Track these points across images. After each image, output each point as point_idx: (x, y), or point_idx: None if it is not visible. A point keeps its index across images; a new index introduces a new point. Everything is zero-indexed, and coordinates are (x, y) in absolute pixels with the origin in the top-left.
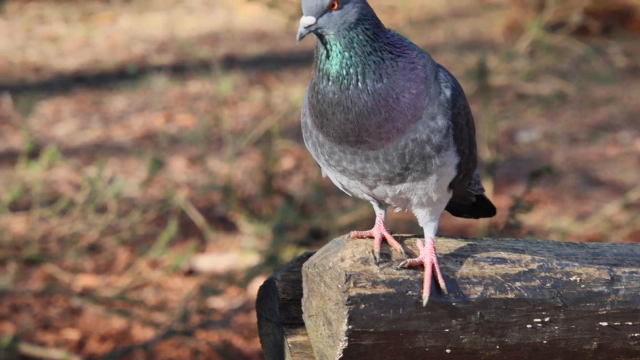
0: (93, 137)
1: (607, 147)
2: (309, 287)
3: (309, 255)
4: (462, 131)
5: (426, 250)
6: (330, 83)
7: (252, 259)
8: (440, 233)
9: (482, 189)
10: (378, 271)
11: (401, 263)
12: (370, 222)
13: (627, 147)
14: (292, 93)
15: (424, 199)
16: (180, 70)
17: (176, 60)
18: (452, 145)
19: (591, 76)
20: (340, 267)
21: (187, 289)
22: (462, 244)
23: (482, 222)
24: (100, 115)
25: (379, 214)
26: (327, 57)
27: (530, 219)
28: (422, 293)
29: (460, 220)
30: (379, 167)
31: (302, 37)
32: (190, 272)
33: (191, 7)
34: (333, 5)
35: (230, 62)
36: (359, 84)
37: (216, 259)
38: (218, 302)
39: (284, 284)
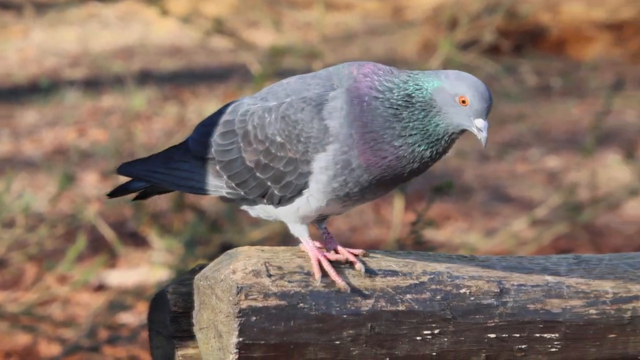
0: (2, 151)
1: (516, 164)
2: (201, 300)
3: (202, 267)
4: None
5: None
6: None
7: (162, 274)
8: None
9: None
10: (270, 284)
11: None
12: (281, 237)
13: (536, 164)
14: (207, 108)
15: None
16: (93, 84)
17: (90, 74)
18: None
19: (502, 94)
20: (231, 280)
21: (95, 304)
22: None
23: (392, 237)
24: (11, 130)
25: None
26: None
27: (440, 235)
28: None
29: (372, 235)
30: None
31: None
32: (100, 288)
33: (106, 22)
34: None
35: (145, 77)
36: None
37: (126, 274)
38: (127, 318)
39: (175, 296)
